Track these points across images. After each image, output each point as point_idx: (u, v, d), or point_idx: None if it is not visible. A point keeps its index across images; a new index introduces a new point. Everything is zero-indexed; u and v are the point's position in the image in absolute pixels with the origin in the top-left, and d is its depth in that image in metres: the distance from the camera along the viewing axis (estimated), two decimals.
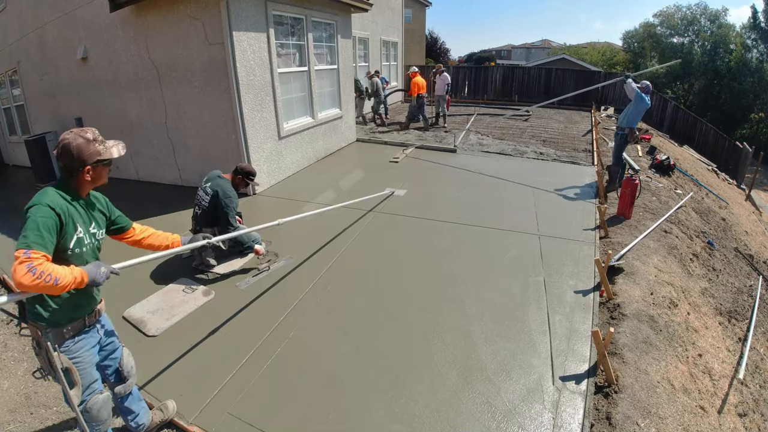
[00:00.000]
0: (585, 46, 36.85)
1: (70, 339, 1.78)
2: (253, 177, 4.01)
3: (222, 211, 3.71)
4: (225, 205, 3.70)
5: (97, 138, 1.75)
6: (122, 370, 2.07)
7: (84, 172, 1.71)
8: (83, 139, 1.70)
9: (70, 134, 1.70)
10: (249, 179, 3.99)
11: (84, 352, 1.83)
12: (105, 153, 1.75)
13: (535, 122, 11.82)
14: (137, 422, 2.18)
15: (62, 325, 1.74)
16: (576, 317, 3.19)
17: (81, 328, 1.82)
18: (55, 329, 1.72)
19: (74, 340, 1.80)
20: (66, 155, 1.68)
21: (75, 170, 1.70)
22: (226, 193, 3.72)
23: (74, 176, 1.72)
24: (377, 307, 3.36)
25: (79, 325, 1.81)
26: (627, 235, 4.67)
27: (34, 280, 1.44)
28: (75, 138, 1.69)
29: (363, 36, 11.74)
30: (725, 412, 2.81)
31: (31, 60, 7.56)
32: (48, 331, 1.69)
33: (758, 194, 12.63)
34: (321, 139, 7.55)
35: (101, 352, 1.97)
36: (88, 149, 1.70)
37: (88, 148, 1.70)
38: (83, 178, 1.73)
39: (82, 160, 1.69)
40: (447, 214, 5.11)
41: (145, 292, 3.59)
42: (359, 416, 2.38)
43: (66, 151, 1.68)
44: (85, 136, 1.71)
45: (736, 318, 4.19)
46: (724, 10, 25.28)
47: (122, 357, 2.08)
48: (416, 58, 23.32)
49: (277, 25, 5.99)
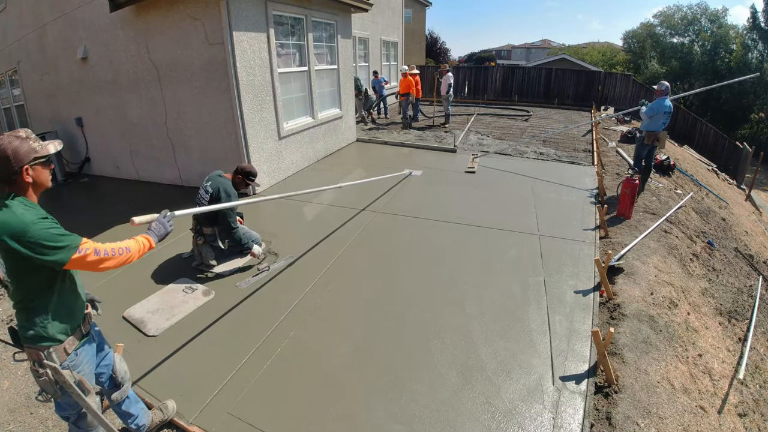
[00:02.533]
0: (585, 46, 36.88)
1: (73, 354, 1.75)
2: (253, 177, 3.99)
3: (221, 211, 3.71)
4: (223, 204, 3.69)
5: (31, 136, 1.63)
6: (116, 376, 2.06)
7: (24, 174, 1.56)
8: (17, 139, 1.57)
9: (3, 138, 1.57)
10: (249, 179, 3.97)
11: (86, 364, 1.82)
12: (41, 150, 1.62)
13: (535, 122, 11.82)
14: (137, 424, 2.17)
15: (62, 341, 1.70)
16: (576, 317, 3.19)
17: (80, 339, 1.80)
18: (57, 347, 1.68)
19: (77, 353, 1.77)
20: (1, 160, 1.53)
21: (13, 174, 1.55)
22: (226, 192, 3.72)
23: (15, 182, 1.57)
24: (377, 307, 3.36)
25: (77, 336, 1.78)
26: (627, 235, 4.67)
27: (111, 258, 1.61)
28: (10, 140, 1.56)
29: (363, 36, 11.74)
30: (725, 412, 2.81)
31: (31, 60, 7.56)
32: (51, 350, 1.66)
33: (758, 194, 12.63)
34: (321, 139, 7.55)
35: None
36: (23, 148, 1.56)
37: (23, 146, 1.57)
38: (24, 181, 1.58)
39: (19, 159, 1.54)
40: (447, 214, 5.11)
41: (145, 292, 3.59)
42: (359, 416, 2.38)
43: (1, 155, 1.52)
44: (18, 135, 1.60)
45: (736, 318, 4.19)
46: (723, 10, 25.31)
47: (114, 363, 2.06)
48: (416, 58, 23.33)
49: (277, 25, 5.99)
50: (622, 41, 30.19)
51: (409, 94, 10.37)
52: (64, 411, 1.82)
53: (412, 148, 8.52)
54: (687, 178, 8.13)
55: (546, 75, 15.58)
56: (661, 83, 5.82)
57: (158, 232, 1.95)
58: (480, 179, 6.53)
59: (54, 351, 1.66)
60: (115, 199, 6.25)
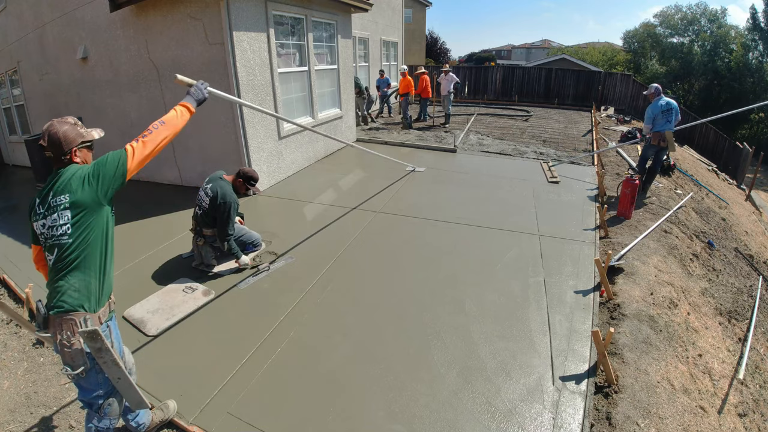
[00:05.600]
0: (585, 46, 36.88)
1: (104, 325, 1.81)
2: (254, 182, 3.96)
3: (219, 217, 3.70)
4: (222, 212, 3.67)
5: (78, 123, 1.86)
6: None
7: (73, 155, 1.79)
8: (67, 124, 1.80)
9: (52, 123, 1.79)
10: (250, 184, 3.94)
11: (114, 339, 1.89)
12: (87, 135, 1.86)
13: (535, 122, 11.82)
14: (137, 422, 2.18)
15: (97, 311, 1.78)
16: (576, 317, 3.19)
17: (107, 314, 1.86)
18: (92, 315, 1.75)
19: (107, 325, 1.84)
20: (53, 143, 1.75)
21: (65, 155, 1.77)
22: (224, 199, 3.65)
23: (66, 163, 1.79)
24: (377, 307, 3.36)
25: (106, 311, 1.85)
26: (627, 235, 4.67)
27: (154, 134, 1.90)
28: (60, 124, 1.78)
29: (363, 36, 11.75)
30: (725, 413, 2.81)
31: (31, 60, 7.56)
32: (87, 317, 1.72)
33: (758, 194, 12.62)
34: (321, 139, 7.55)
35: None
36: (72, 132, 1.79)
37: (73, 131, 1.80)
38: (73, 162, 1.80)
39: (69, 142, 1.77)
40: (447, 214, 5.11)
41: (145, 292, 3.59)
42: (359, 416, 2.38)
43: (53, 138, 1.75)
44: (67, 120, 1.81)
45: (736, 318, 4.19)
46: (723, 11, 25.33)
47: (124, 354, 2.10)
48: (416, 58, 23.34)
49: (277, 25, 5.99)
50: (622, 41, 30.22)
51: (408, 93, 10.44)
52: (90, 394, 1.82)
53: (413, 148, 8.52)
54: (687, 178, 8.13)
55: (546, 75, 15.58)
56: (650, 86, 5.85)
57: (197, 96, 2.17)
58: (480, 179, 6.53)
59: (90, 318, 1.73)
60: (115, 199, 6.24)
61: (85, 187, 1.72)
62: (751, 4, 32.76)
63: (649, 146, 5.86)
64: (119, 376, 1.77)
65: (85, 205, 1.73)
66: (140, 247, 4.41)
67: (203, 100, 2.20)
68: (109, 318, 1.88)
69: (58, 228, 1.71)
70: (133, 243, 4.52)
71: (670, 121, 5.59)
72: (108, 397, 1.86)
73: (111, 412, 1.89)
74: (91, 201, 1.73)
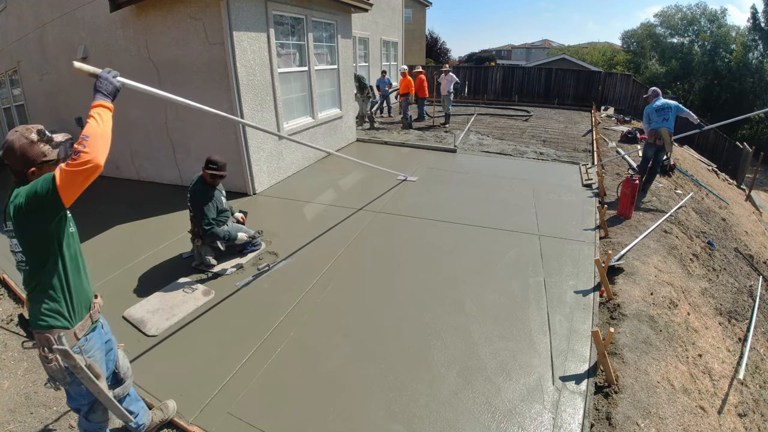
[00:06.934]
0: (585, 46, 36.88)
1: (83, 338, 1.78)
2: (214, 166, 3.67)
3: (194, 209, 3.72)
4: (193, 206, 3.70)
5: (44, 138, 1.66)
6: (119, 371, 2.07)
7: (29, 175, 1.62)
8: (27, 140, 1.61)
9: (15, 134, 1.62)
10: (209, 168, 3.67)
11: (96, 351, 1.85)
12: (50, 154, 1.66)
13: (535, 122, 11.81)
14: (137, 422, 2.17)
15: (72, 326, 1.73)
16: (576, 317, 3.19)
17: (89, 327, 1.83)
18: (67, 331, 1.71)
19: (86, 338, 1.80)
20: (10, 155, 1.60)
21: (20, 172, 1.63)
22: (192, 192, 3.71)
23: (24, 178, 1.63)
24: (377, 307, 3.36)
25: (86, 324, 1.81)
26: (627, 235, 4.67)
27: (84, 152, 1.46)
28: (19, 138, 1.61)
29: (363, 36, 11.75)
30: (725, 413, 2.81)
31: (31, 60, 7.56)
32: (61, 335, 1.68)
33: (758, 194, 12.61)
34: (321, 138, 7.54)
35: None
36: (32, 151, 1.62)
37: (33, 149, 1.62)
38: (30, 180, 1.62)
39: (27, 162, 1.61)
40: (447, 214, 5.11)
41: (145, 292, 3.60)
42: (359, 416, 2.38)
43: (10, 151, 1.60)
44: (30, 137, 1.62)
45: (736, 318, 4.18)
46: (723, 11, 25.35)
47: (118, 358, 2.08)
48: (416, 58, 23.32)
49: (278, 25, 5.99)
50: (622, 41, 30.23)
51: (408, 93, 10.44)
52: (76, 402, 1.84)
53: (413, 148, 8.52)
54: (687, 178, 8.13)
55: (546, 75, 15.58)
56: (649, 89, 6.02)
57: (106, 89, 1.76)
58: (480, 180, 6.52)
59: (64, 335, 1.69)
60: (115, 199, 6.24)
61: (22, 215, 1.55)
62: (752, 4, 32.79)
63: (648, 145, 5.88)
64: (98, 392, 1.77)
65: (28, 232, 1.59)
66: (140, 247, 4.41)
67: (116, 91, 1.80)
68: (92, 329, 1.84)
69: (17, 254, 1.66)
70: (133, 243, 4.52)
71: (667, 119, 5.62)
72: (92, 405, 1.87)
73: (96, 418, 1.91)
74: (31, 227, 1.58)
